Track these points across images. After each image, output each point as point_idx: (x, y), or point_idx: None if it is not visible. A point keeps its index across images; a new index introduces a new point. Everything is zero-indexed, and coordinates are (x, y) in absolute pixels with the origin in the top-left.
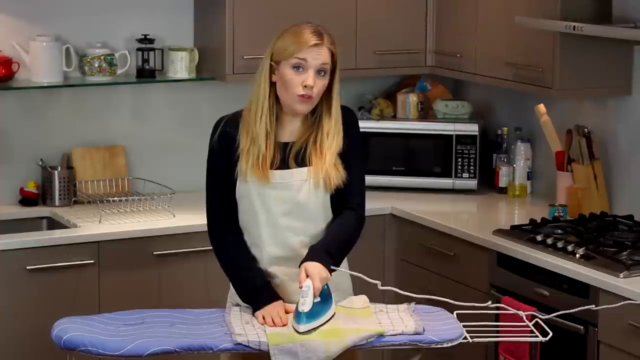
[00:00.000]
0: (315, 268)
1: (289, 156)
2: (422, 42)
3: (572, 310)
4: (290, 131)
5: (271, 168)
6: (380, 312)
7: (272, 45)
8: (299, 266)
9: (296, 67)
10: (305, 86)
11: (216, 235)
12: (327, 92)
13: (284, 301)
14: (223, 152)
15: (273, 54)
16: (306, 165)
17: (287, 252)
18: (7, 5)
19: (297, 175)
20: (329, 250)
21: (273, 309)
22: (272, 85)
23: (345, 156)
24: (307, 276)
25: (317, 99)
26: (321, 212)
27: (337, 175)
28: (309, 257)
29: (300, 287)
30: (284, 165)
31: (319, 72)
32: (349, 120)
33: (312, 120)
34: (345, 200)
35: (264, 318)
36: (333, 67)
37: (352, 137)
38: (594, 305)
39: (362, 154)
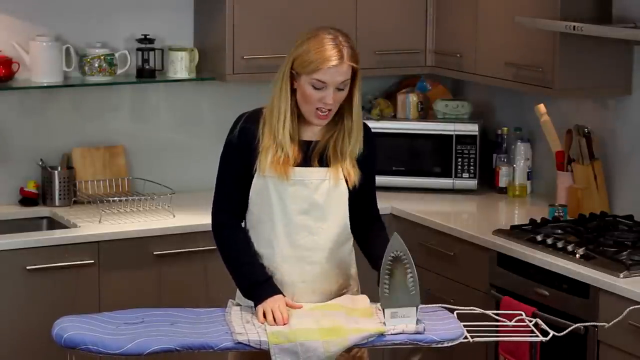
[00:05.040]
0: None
1: (312, 155)
2: (422, 42)
3: (582, 324)
4: (313, 130)
5: (292, 165)
6: (381, 312)
7: (292, 53)
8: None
9: (315, 85)
10: (325, 103)
11: (219, 228)
12: (349, 97)
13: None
14: (241, 148)
15: (294, 63)
16: (328, 166)
17: (298, 251)
18: (7, 5)
19: (316, 173)
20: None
21: (274, 303)
22: (293, 91)
23: (361, 166)
24: None
25: (335, 110)
26: (338, 213)
27: (356, 173)
28: None
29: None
30: (305, 163)
31: (339, 87)
32: (367, 135)
33: (334, 120)
34: (370, 212)
35: (264, 313)
36: (354, 74)
37: (370, 150)
38: (605, 324)
39: (376, 168)
